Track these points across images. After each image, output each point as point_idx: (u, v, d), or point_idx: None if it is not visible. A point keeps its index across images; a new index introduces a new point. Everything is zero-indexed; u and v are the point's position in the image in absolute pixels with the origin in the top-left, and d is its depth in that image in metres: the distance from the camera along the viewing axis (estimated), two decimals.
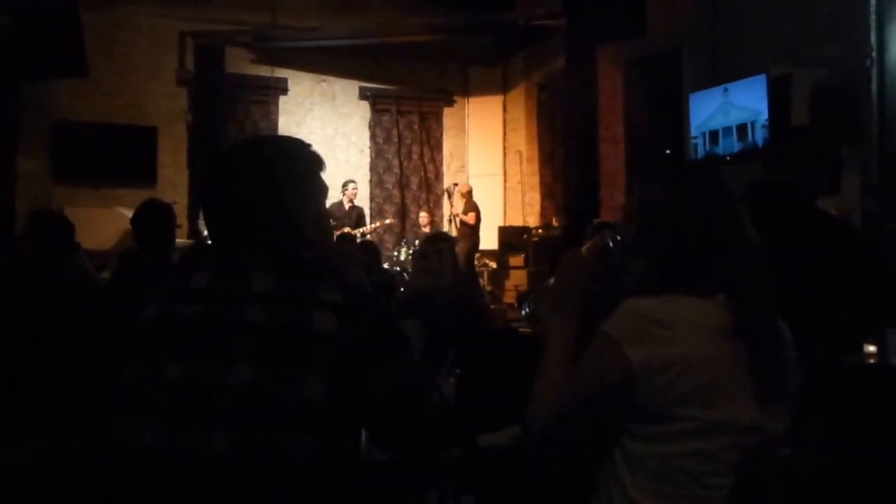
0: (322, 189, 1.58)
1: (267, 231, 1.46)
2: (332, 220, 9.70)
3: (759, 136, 6.60)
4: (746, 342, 1.46)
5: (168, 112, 10.36)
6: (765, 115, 6.48)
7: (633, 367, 1.43)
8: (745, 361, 1.47)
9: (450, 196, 10.69)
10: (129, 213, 3.61)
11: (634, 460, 1.47)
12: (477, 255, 10.29)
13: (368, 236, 10.26)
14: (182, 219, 8.49)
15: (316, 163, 1.56)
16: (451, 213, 10.55)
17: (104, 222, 8.47)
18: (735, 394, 1.45)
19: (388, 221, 11.05)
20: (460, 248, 9.91)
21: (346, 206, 10.17)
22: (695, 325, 1.46)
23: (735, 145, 6.94)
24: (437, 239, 4.27)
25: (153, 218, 3.59)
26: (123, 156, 9.85)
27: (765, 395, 1.47)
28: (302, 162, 1.54)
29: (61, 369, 2.90)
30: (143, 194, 5.39)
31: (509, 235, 10.44)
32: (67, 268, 3.45)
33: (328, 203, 9.65)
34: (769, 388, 1.47)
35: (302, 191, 1.51)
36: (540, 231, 10.11)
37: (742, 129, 6.83)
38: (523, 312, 1.97)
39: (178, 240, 4.03)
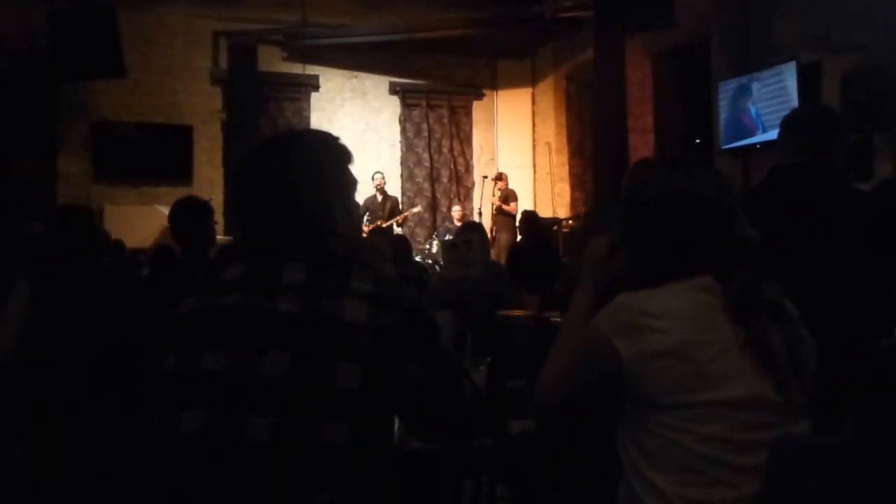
0: (351, 182, 1.58)
1: (297, 224, 1.47)
2: (367, 214, 9.87)
3: None
4: (739, 320, 1.49)
5: (203, 111, 10.55)
6: (795, 103, 6.43)
7: (622, 359, 1.47)
8: (742, 340, 1.48)
9: (496, 181, 10.58)
10: (167, 211, 3.66)
11: (650, 453, 1.48)
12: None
13: (401, 228, 10.36)
14: (218, 216, 8.64)
15: (344, 155, 1.57)
16: (493, 203, 10.49)
17: (143, 220, 8.66)
18: (733, 374, 1.46)
19: (416, 210, 11.16)
20: (503, 239, 10.00)
21: (379, 197, 10.30)
22: (685, 312, 1.48)
23: (765, 134, 6.90)
24: (466, 229, 4.32)
25: (190, 215, 3.61)
26: (161, 154, 10.04)
27: (767, 369, 1.48)
28: (330, 155, 1.55)
29: (101, 365, 2.96)
30: (181, 192, 5.47)
31: None
32: (100, 264, 3.47)
33: (362, 197, 9.65)
34: (771, 362, 1.48)
35: (331, 183, 1.52)
36: (570, 222, 10.13)
37: (772, 117, 6.79)
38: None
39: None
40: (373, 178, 10.24)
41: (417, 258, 9.45)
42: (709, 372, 1.45)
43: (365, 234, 6.86)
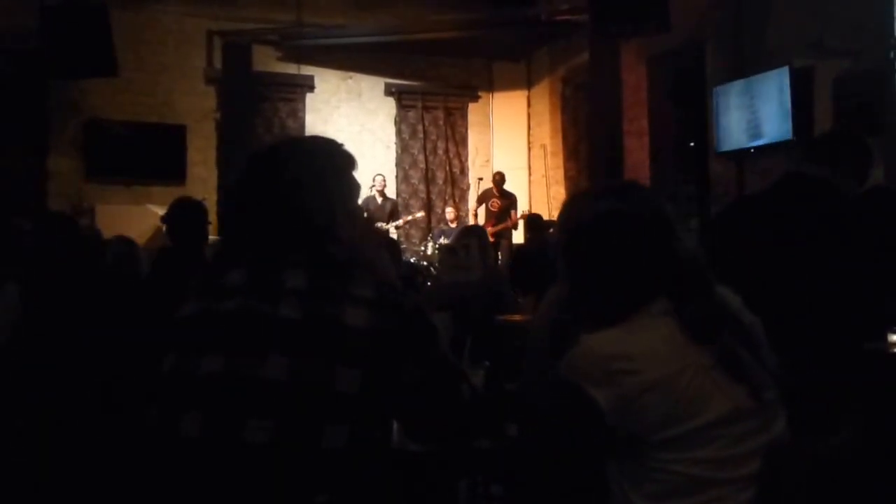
0: (354, 187, 1.60)
1: (299, 228, 1.48)
2: (366, 215, 9.89)
3: (783, 128, 6.60)
4: (701, 341, 1.48)
5: (197, 110, 10.48)
6: (788, 108, 6.48)
7: (602, 408, 1.45)
8: (710, 361, 1.48)
9: (497, 193, 10.60)
10: (160, 211, 3.66)
11: (643, 483, 1.48)
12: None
13: (397, 232, 10.39)
14: (212, 216, 8.59)
15: (348, 161, 1.59)
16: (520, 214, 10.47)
17: (135, 219, 8.61)
18: (711, 393, 1.46)
19: (419, 215, 11.16)
20: (503, 244, 10.12)
21: (379, 199, 10.32)
22: (653, 345, 1.47)
23: (759, 138, 6.94)
24: (464, 234, 4.33)
25: (186, 216, 3.64)
26: (154, 154, 9.96)
27: (740, 379, 1.48)
28: (333, 160, 1.57)
29: (101, 367, 2.95)
30: (174, 192, 5.46)
31: None
32: (97, 264, 3.48)
33: (362, 198, 9.71)
34: (741, 373, 1.49)
35: (333, 188, 1.53)
36: None
37: (765, 121, 6.83)
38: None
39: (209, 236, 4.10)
40: (373, 181, 10.26)
41: (412, 259, 9.49)
42: (689, 399, 1.45)
43: None
